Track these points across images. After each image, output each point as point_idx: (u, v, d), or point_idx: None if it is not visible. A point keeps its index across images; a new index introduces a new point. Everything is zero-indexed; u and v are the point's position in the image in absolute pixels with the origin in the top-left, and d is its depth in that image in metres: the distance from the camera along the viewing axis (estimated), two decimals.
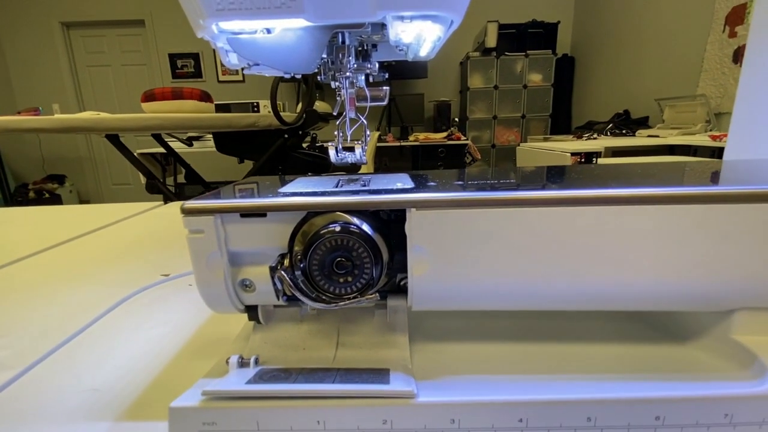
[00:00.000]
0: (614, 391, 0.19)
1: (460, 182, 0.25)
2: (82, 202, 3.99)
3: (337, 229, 0.21)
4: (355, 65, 0.24)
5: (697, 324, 0.24)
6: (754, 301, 0.21)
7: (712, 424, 0.18)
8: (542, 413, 0.19)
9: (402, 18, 0.20)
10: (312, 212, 0.22)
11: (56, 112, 3.72)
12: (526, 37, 3.38)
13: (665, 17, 2.58)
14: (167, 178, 2.34)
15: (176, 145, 2.20)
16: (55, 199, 3.59)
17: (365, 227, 0.21)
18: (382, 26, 0.23)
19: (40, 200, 3.50)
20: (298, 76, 0.29)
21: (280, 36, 0.21)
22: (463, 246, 0.21)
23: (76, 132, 1.39)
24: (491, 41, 3.25)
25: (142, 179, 1.71)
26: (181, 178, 2.36)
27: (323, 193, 0.23)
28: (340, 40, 0.23)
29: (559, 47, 3.45)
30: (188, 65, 3.84)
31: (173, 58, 3.81)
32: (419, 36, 0.22)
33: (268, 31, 0.21)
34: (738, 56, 2.03)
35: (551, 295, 0.22)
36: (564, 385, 0.20)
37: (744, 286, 0.21)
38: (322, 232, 0.21)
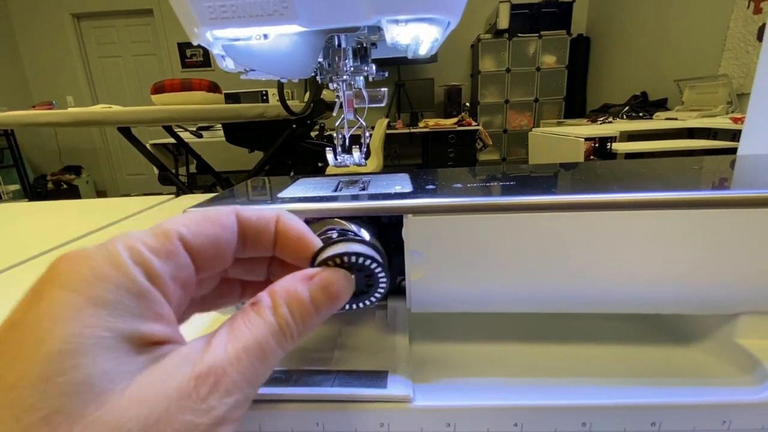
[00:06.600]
0: (610, 396, 0.19)
1: (458, 185, 0.24)
2: (98, 192, 4.09)
3: (335, 235, 0.21)
4: (352, 68, 0.24)
5: (701, 326, 0.24)
6: (758, 305, 0.21)
7: (709, 430, 0.18)
8: (537, 418, 0.19)
9: (397, 21, 0.20)
10: (310, 218, 0.22)
11: (70, 104, 3.79)
12: (540, 17, 3.27)
13: None
14: (179, 167, 2.38)
15: (186, 136, 2.22)
16: (73, 190, 3.67)
17: (363, 233, 0.21)
18: (379, 28, 0.22)
19: (58, 191, 3.59)
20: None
21: (276, 42, 0.21)
22: (460, 250, 0.21)
23: (89, 125, 1.41)
24: (503, 22, 3.16)
25: (155, 170, 1.74)
26: (192, 168, 2.39)
27: (321, 199, 0.23)
28: (336, 43, 0.23)
29: (574, 27, 3.34)
30: (197, 54, 3.84)
31: (182, 47, 3.82)
32: (416, 37, 0.22)
33: (264, 36, 0.21)
34: (763, 34, 1.94)
35: (551, 299, 0.22)
36: (560, 390, 0.20)
37: (748, 290, 0.21)
38: (320, 238, 0.21)
